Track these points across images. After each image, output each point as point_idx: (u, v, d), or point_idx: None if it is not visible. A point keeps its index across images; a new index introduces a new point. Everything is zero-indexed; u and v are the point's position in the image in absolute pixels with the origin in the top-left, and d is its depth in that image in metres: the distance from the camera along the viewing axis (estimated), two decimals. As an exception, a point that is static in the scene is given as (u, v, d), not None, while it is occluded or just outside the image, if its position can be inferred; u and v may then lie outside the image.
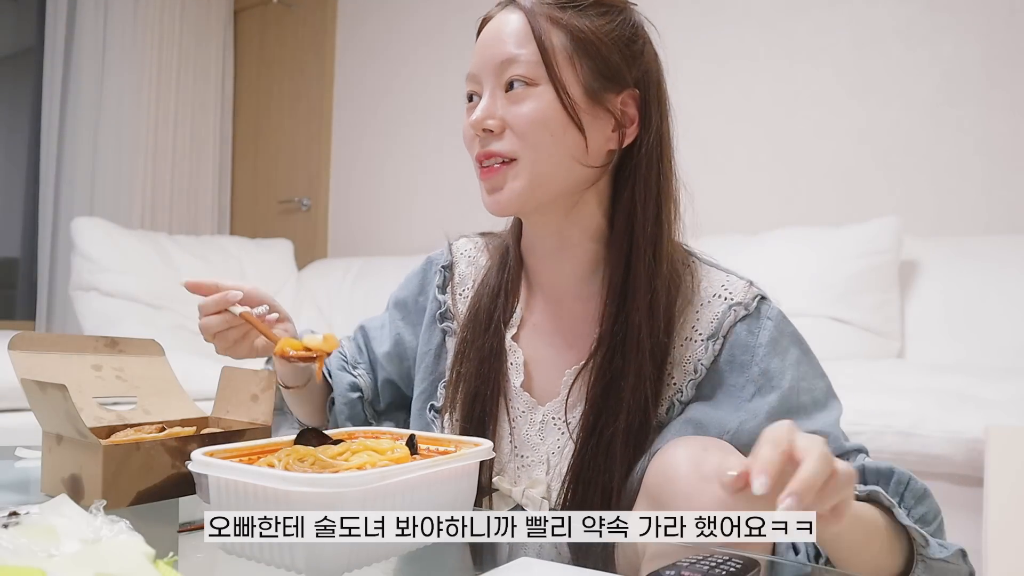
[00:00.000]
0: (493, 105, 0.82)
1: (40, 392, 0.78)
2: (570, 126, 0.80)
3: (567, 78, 0.80)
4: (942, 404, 1.54)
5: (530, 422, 0.88)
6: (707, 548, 0.60)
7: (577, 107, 0.80)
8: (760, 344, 0.82)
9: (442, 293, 0.98)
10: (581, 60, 0.81)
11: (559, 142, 0.80)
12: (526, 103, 0.80)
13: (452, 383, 0.92)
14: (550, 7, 0.82)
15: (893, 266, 2.19)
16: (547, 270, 0.90)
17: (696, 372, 0.83)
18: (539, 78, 0.80)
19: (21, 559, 0.47)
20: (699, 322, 0.84)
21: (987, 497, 1.11)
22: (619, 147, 0.84)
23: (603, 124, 0.83)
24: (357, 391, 1.03)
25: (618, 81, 0.83)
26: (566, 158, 0.81)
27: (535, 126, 0.80)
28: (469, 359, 0.90)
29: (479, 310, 0.92)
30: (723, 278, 0.86)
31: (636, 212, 0.84)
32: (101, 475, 0.75)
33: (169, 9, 3.87)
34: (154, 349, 0.99)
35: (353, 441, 0.70)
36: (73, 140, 3.64)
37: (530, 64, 0.80)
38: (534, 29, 0.81)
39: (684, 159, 0.93)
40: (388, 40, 3.67)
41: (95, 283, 2.94)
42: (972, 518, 1.37)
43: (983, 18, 2.31)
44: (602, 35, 0.81)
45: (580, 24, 0.81)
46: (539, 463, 0.87)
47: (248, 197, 4.20)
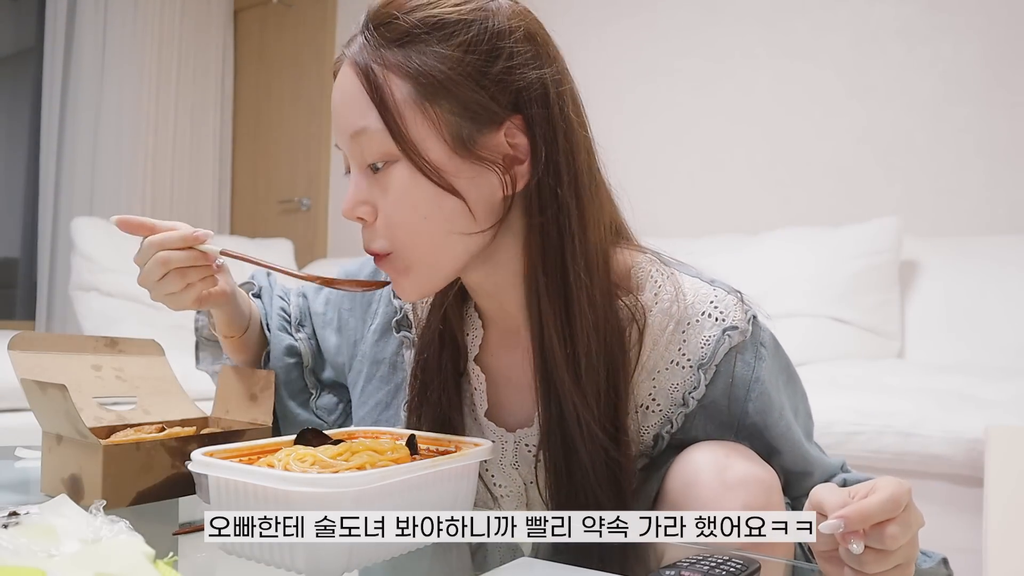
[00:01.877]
0: (359, 190, 0.71)
1: (40, 392, 0.78)
2: (443, 196, 0.68)
3: (423, 137, 0.67)
4: (942, 404, 1.54)
5: (502, 451, 0.82)
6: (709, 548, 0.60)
7: (443, 171, 0.67)
8: (757, 379, 0.76)
9: (396, 297, 0.88)
10: (435, 108, 0.67)
11: (435, 221, 0.69)
12: (389, 185, 0.69)
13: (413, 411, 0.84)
14: (383, 50, 0.68)
15: (893, 266, 2.19)
16: (489, 307, 0.82)
17: (685, 403, 0.76)
18: (394, 152, 0.68)
19: (21, 559, 0.47)
20: (686, 344, 0.75)
21: (987, 497, 1.11)
22: (511, 193, 0.70)
23: (485, 177, 0.69)
24: (295, 355, 0.96)
25: (489, 117, 0.68)
26: (448, 235, 0.70)
27: (401, 211, 0.69)
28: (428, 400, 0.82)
29: (429, 347, 0.83)
30: (710, 293, 0.76)
31: (535, 265, 0.71)
32: (101, 475, 0.75)
33: (169, 9, 3.87)
34: (154, 349, 0.99)
35: (353, 441, 0.70)
36: (73, 140, 3.63)
37: (379, 137, 0.68)
38: (369, 91, 0.68)
39: (684, 159, 0.90)
40: (388, 40, 3.66)
41: (95, 283, 2.94)
42: (972, 518, 1.37)
43: (983, 18, 2.31)
44: (449, 70, 0.67)
45: (421, 63, 0.67)
46: (518, 494, 0.83)
47: (248, 197, 4.20)
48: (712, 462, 0.70)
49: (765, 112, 2.65)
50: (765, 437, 0.78)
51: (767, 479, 0.71)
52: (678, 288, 0.76)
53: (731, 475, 0.69)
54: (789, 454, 0.79)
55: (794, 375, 0.85)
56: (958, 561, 1.39)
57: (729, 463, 0.70)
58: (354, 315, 0.93)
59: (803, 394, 0.87)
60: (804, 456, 0.81)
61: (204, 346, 1.02)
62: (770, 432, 0.78)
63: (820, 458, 0.84)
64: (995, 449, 1.24)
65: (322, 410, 0.98)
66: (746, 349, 0.75)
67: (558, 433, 0.74)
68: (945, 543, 1.42)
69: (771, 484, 0.71)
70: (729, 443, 0.76)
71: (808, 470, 0.81)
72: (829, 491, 0.59)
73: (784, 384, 0.82)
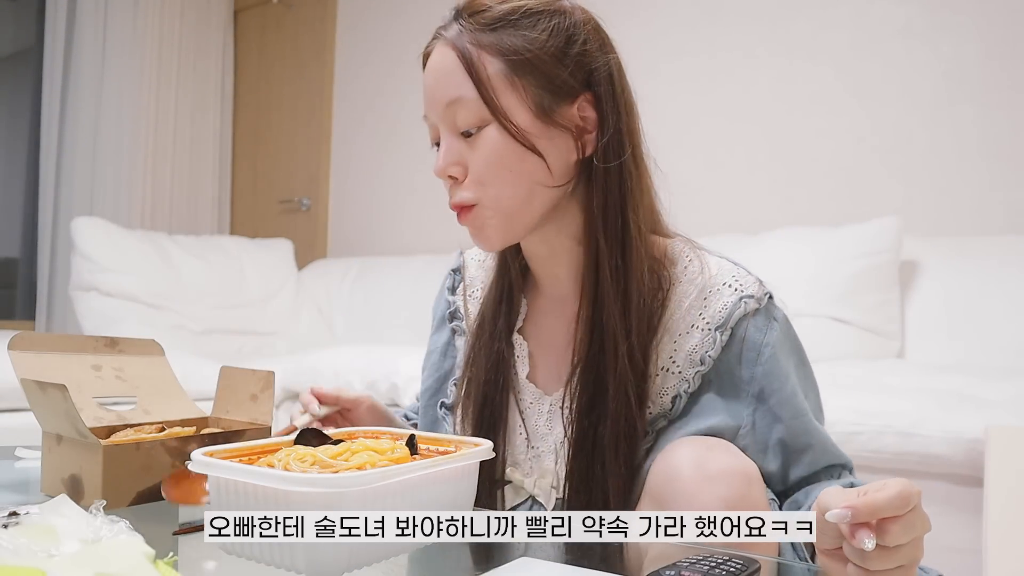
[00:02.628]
0: (451, 151, 0.82)
1: (40, 392, 0.78)
2: (527, 154, 0.80)
3: (512, 105, 0.79)
4: (942, 404, 1.54)
5: (539, 412, 0.89)
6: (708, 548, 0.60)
7: (528, 133, 0.79)
8: (767, 344, 0.81)
9: (452, 294, 1.00)
10: (523, 81, 0.79)
11: (518, 175, 0.80)
12: (480, 146, 0.80)
13: (463, 383, 0.93)
14: (477, 32, 0.80)
15: (893, 266, 2.19)
16: (543, 274, 0.92)
17: (703, 363, 0.82)
18: (486, 118, 0.79)
19: (21, 559, 0.47)
20: (706, 310, 0.83)
21: (987, 497, 1.11)
22: (582, 156, 0.83)
23: (562, 140, 0.81)
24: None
25: (567, 91, 0.81)
26: (529, 187, 0.81)
27: (491, 167, 0.80)
28: (478, 363, 0.92)
29: (484, 317, 0.94)
30: (733, 269, 0.85)
31: (599, 213, 0.82)
32: (101, 475, 0.75)
33: (169, 9, 3.87)
34: (154, 349, 0.99)
35: (353, 441, 0.70)
36: (73, 140, 3.63)
37: (473, 106, 0.79)
38: (465, 65, 0.79)
39: (684, 159, 0.93)
40: (388, 40, 3.67)
41: (95, 283, 2.94)
42: (972, 518, 1.37)
43: (983, 18, 2.31)
44: (537, 50, 0.79)
45: (512, 44, 0.79)
46: (549, 452, 0.88)
47: (248, 197, 4.20)
48: (692, 456, 0.72)
49: (765, 111, 2.65)
50: (769, 403, 0.82)
51: (747, 471, 0.72)
52: (705, 263, 0.86)
53: (711, 468, 0.70)
54: (790, 422, 0.81)
55: (806, 361, 0.89)
56: (958, 561, 1.39)
57: (709, 456, 0.72)
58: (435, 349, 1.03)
59: (814, 383, 0.90)
60: (806, 427, 0.82)
61: None
62: (774, 397, 0.81)
63: (826, 436, 0.85)
64: (995, 449, 1.24)
65: None
66: (759, 316, 0.83)
67: (594, 367, 0.82)
68: (945, 543, 1.42)
69: (751, 476, 0.72)
70: (710, 439, 0.78)
71: (809, 443, 0.82)
72: (837, 492, 0.59)
73: (796, 365, 0.86)
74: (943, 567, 1.47)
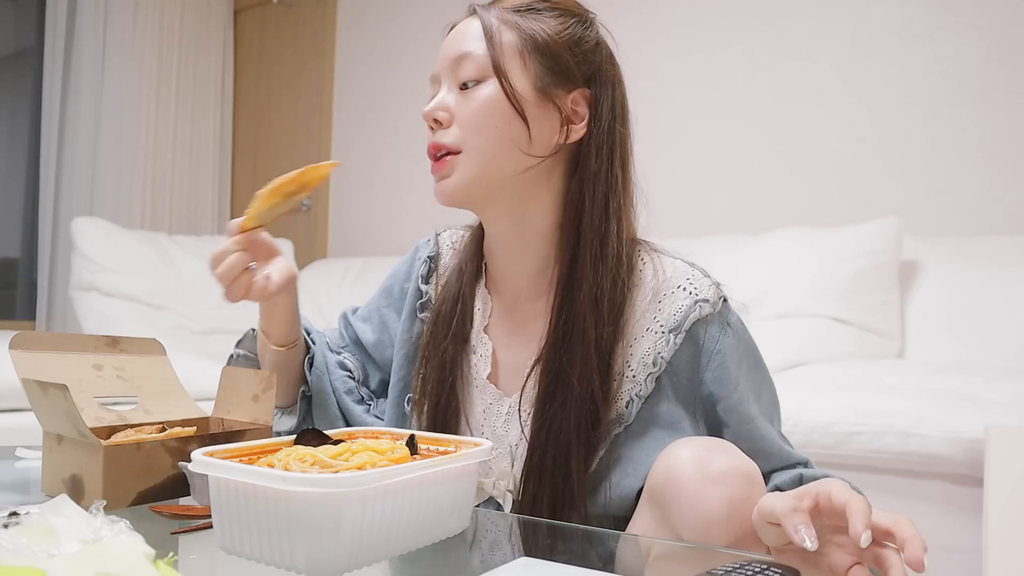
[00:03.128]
0: (445, 98, 0.86)
1: (41, 392, 0.78)
2: (515, 117, 0.84)
3: (514, 72, 0.84)
4: (942, 404, 1.54)
5: (496, 414, 0.90)
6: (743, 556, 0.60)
7: (522, 99, 0.84)
8: (719, 351, 0.83)
9: (425, 283, 1.00)
10: (531, 57, 0.84)
11: (502, 132, 0.84)
12: (474, 98, 0.85)
13: (420, 380, 0.94)
14: (507, 12, 0.86)
15: (893, 266, 2.19)
16: (505, 269, 0.93)
17: (656, 366, 0.83)
18: (488, 74, 0.84)
19: (21, 559, 0.47)
20: (660, 313, 0.84)
21: (987, 497, 1.11)
22: (564, 140, 0.86)
23: (550, 118, 0.85)
24: (347, 370, 1.04)
25: (568, 79, 0.86)
26: (509, 147, 0.84)
27: (479, 116, 0.84)
28: (432, 362, 0.93)
29: (440, 315, 0.95)
30: (688, 271, 0.87)
31: (584, 204, 0.86)
32: (102, 475, 0.75)
33: (169, 9, 3.87)
34: (155, 348, 0.99)
35: (353, 441, 0.70)
36: (73, 140, 3.63)
37: (480, 61, 0.84)
38: (486, 29, 0.85)
39: (684, 159, 0.93)
40: (388, 40, 3.67)
41: (95, 283, 2.94)
42: (972, 518, 1.37)
43: (983, 18, 2.31)
44: (552, 34, 0.85)
45: (532, 26, 0.85)
46: (506, 454, 0.89)
47: (248, 197, 4.18)
48: (694, 457, 0.72)
49: (765, 111, 2.65)
50: (717, 409, 0.83)
51: (749, 471, 0.72)
52: (659, 266, 0.87)
53: (713, 469, 0.71)
54: (736, 427, 0.83)
55: (760, 362, 0.90)
56: (958, 561, 1.39)
57: (711, 457, 0.72)
58: (393, 308, 1.04)
59: (769, 384, 0.91)
60: (751, 434, 0.83)
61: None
62: (722, 404, 0.83)
63: (774, 441, 0.86)
64: (995, 449, 1.24)
65: (383, 415, 1.04)
66: (713, 322, 0.84)
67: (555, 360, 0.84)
68: (945, 543, 1.43)
69: (753, 477, 0.72)
70: (710, 439, 0.79)
71: (755, 448, 0.83)
72: (775, 497, 0.61)
73: (749, 368, 0.87)
74: (943, 567, 1.48)
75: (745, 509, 0.68)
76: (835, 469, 1.56)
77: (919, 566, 0.53)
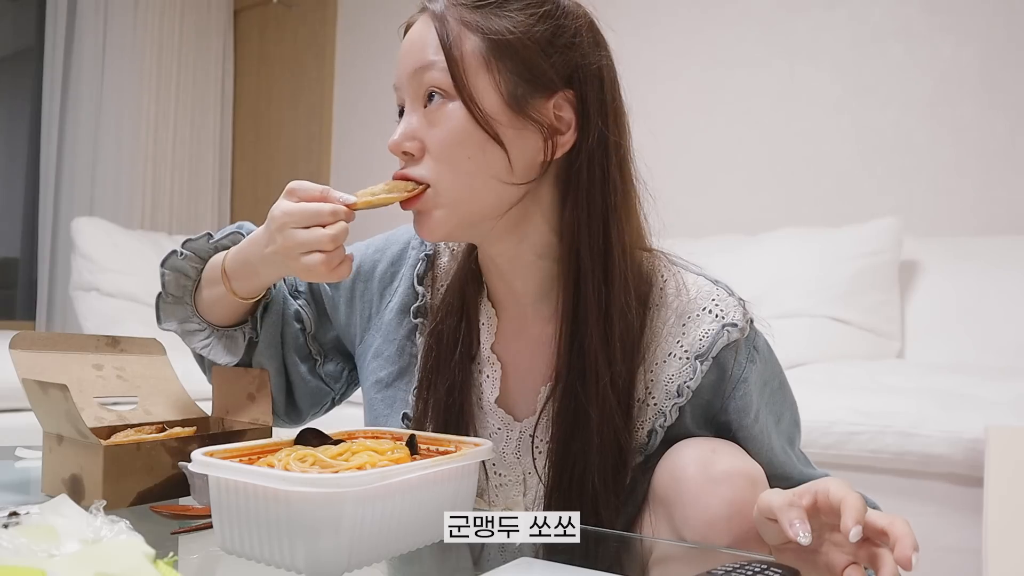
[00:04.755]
0: (411, 125, 0.76)
1: (41, 392, 0.78)
2: (489, 143, 0.73)
3: (482, 88, 0.73)
4: (942, 404, 1.54)
5: (506, 439, 0.84)
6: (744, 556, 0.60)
7: (494, 121, 0.73)
8: (745, 379, 0.78)
9: (420, 284, 0.89)
10: (499, 64, 0.73)
11: (477, 163, 0.74)
12: (441, 123, 0.74)
13: (421, 399, 0.86)
14: (463, 8, 0.75)
15: (893, 266, 2.19)
16: (502, 289, 0.85)
17: (681, 395, 0.78)
18: (452, 89, 0.73)
19: (21, 559, 0.47)
20: (684, 337, 0.78)
21: (987, 497, 1.11)
22: (550, 158, 0.76)
23: (530, 135, 0.75)
24: (300, 321, 0.96)
25: (545, 84, 0.74)
26: (486, 179, 0.74)
27: (449, 148, 0.74)
28: (437, 386, 0.84)
29: (444, 332, 0.85)
30: (712, 291, 0.79)
31: (579, 228, 0.76)
32: (102, 475, 0.75)
33: (169, 9, 3.86)
34: (155, 348, 0.99)
35: (353, 441, 0.70)
36: (73, 140, 3.63)
37: (441, 76, 0.73)
38: (442, 38, 0.74)
39: (683, 159, 0.91)
40: (388, 40, 3.66)
41: (95, 283, 2.94)
42: (972, 518, 1.37)
43: (982, 19, 2.31)
44: (520, 34, 0.73)
45: (495, 25, 0.73)
46: (516, 483, 0.84)
47: (248, 197, 4.20)
48: (698, 457, 0.72)
49: (764, 112, 2.65)
50: (736, 437, 0.80)
51: (752, 472, 0.72)
52: (681, 284, 0.79)
53: (716, 469, 0.70)
54: (754, 453, 0.80)
55: (785, 383, 0.87)
56: (958, 561, 1.39)
57: (715, 458, 0.71)
58: (370, 288, 0.93)
59: (791, 404, 0.88)
60: (770, 460, 0.82)
61: (168, 303, 0.94)
62: (742, 433, 0.80)
63: (793, 465, 0.84)
64: (995, 449, 1.24)
65: (329, 377, 0.98)
66: (741, 349, 0.78)
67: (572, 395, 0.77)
68: (945, 543, 1.43)
69: (756, 477, 0.72)
70: (715, 439, 0.77)
71: (773, 473, 0.81)
72: (774, 493, 0.61)
73: (773, 391, 0.84)
74: (943, 567, 1.47)
75: (747, 510, 0.68)
76: (834, 469, 1.55)
77: (907, 564, 0.53)
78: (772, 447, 0.82)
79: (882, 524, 0.55)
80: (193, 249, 0.91)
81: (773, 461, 0.82)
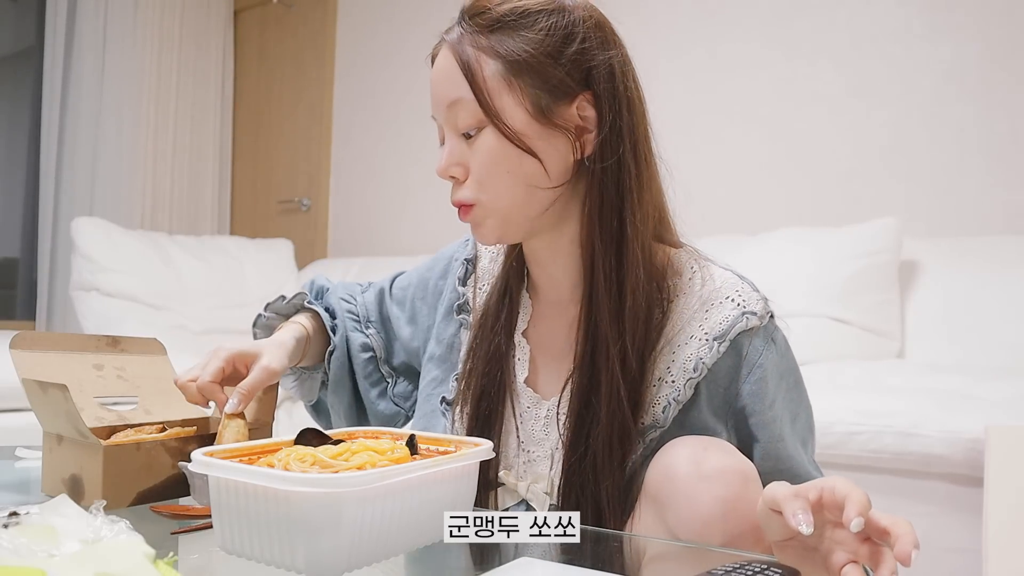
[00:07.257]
0: (453, 152, 0.83)
1: (41, 392, 0.78)
2: (523, 156, 0.80)
3: (508, 108, 0.79)
4: (942, 404, 1.54)
5: (535, 417, 0.89)
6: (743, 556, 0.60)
7: (524, 136, 0.79)
8: (761, 365, 0.82)
9: (462, 285, 0.98)
10: (519, 82, 0.79)
11: (516, 177, 0.80)
12: (478, 148, 0.81)
13: (463, 379, 0.93)
14: (476, 34, 0.81)
15: (893, 266, 2.19)
16: (542, 276, 0.92)
17: (696, 371, 0.81)
18: (483, 119, 0.80)
19: (21, 559, 0.47)
20: (706, 321, 0.82)
21: (987, 497, 1.11)
22: (581, 156, 0.82)
23: (560, 141, 0.81)
24: (370, 350, 1.04)
25: (565, 91, 0.80)
26: (526, 187, 0.81)
27: (489, 169, 0.81)
28: (478, 357, 0.91)
29: (488, 310, 0.94)
30: (737, 283, 0.85)
31: (593, 211, 0.82)
32: (102, 475, 0.75)
33: (169, 9, 3.87)
34: (156, 348, 0.99)
35: (353, 441, 0.70)
36: (73, 140, 3.63)
37: (471, 107, 0.80)
38: (462, 67, 0.80)
39: (683, 159, 0.91)
40: (388, 40, 3.67)
41: (95, 283, 2.94)
42: (972, 518, 1.37)
43: (983, 18, 2.31)
44: (533, 50, 0.79)
45: (509, 45, 0.79)
46: (544, 458, 0.88)
47: (248, 197, 4.20)
48: (689, 455, 0.73)
49: (765, 111, 2.65)
50: (749, 423, 0.82)
51: (745, 469, 0.73)
52: (708, 276, 0.85)
53: (707, 467, 0.71)
54: (765, 444, 0.82)
55: (800, 384, 0.88)
56: (958, 561, 1.39)
57: (706, 456, 0.72)
58: (426, 303, 1.03)
59: (807, 407, 0.89)
60: (779, 453, 0.83)
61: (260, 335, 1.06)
62: (755, 419, 0.82)
63: (803, 464, 0.85)
64: (995, 449, 1.24)
65: (399, 397, 1.06)
66: (758, 335, 0.82)
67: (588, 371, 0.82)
68: (945, 543, 1.43)
69: (748, 475, 0.72)
70: (708, 438, 0.78)
71: (781, 468, 0.83)
72: (780, 485, 0.62)
73: (788, 388, 0.85)
74: (943, 567, 1.47)
75: (740, 507, 0.68)
76: (834, 469, 1.56)
77: (906, 560, 0.53)
78: (784, 439, 0.83)
79: (885, 523, 0.56)
80: (275, 311, 1.06)
81: (782, 455, 0.83)
